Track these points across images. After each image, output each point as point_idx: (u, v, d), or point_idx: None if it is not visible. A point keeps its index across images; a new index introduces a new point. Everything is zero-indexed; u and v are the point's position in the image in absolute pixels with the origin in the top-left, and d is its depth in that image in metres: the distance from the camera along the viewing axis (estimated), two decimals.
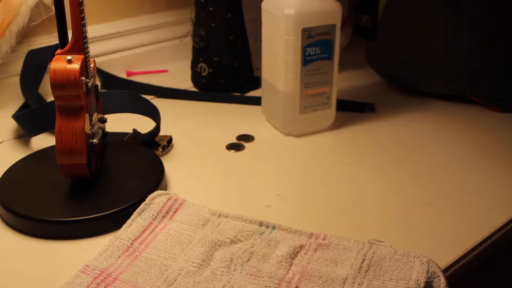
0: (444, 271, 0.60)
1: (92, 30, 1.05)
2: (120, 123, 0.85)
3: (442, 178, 0.77)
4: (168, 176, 0.77)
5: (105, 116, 0.77)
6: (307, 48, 0.82)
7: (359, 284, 0.55)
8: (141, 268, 0.57)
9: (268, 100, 0.91)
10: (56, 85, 0.63)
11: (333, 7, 0.82)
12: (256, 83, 1.05)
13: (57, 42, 0.68)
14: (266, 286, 0.55)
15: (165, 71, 1.14)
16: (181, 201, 0.67)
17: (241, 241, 0.61)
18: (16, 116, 0.84)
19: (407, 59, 1.00)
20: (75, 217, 0.65)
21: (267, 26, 0.86)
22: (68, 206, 0.68)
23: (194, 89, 1.06)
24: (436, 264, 0.57)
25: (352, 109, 0.96)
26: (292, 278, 0.56)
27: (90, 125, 0.69)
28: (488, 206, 0.71)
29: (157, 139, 0.84)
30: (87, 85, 0.66)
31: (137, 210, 0.65)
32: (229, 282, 0.56)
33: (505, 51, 0.95)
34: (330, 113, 0.89)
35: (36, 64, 0.94)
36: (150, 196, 0.67)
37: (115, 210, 0.66)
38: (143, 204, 0.66)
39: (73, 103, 0.65)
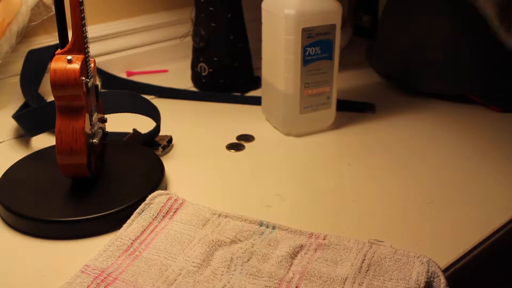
0: (444, 271, 0.60)
1: (92, 30, 1.05)
2: (120, 123, 0.85)
3: (442, 178, 0.77)
4: (168, 176, 0.77)
5: (105, 116, 0.77)
6: (307, 48, 0.82)
7: (359, 284, 0.55)
8: (141, 268, 0.57)
9: (268, 100, 0.91)
10: (56, 85, 0.63)
11: (333, 7, 0.82)
12: (256, 83, 1.05)
13: (57, 42, 0.68)
14: (266, 286, 0.55)
15: (165, 71, 1.14)
16: (181, 201, 0.67)
17: (241, 241, 0.61)
18: (16, 116, 0.84)
19: (407, 59, 1.00)
20: (75, 217, 0.65)
21: (267, 26, 0.86)
22: (68, 206, 0.68)
23: (194, 89, 1.06)
24: (436, 264, 0.57)
25: (352, 109, 0.96)
26: (292, 278, 0.56)
27: (90, 125, 0.69)
28: (488, 206, 0.71)
29: (157, 139, 0.84)
30: (87, 85, 0.66)
31: (137, 210, 0.65)
32: (229, 282, 0.56)
33: (505, 51, 0.95)
34: (330, 113, 0.89)
35: (36, 64, 0.94)
36: (150, 196, 0.67)
37: (115, 210, 0.66)
38: (143, 204, 0.66)
39: (73, 103, 0.65)
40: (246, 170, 0.80)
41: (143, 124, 0.85)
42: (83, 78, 0.64)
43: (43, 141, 0.85)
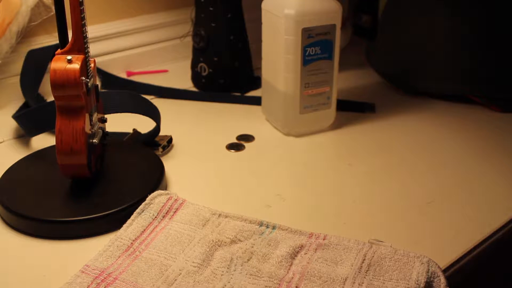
0: (444, 271, 0.60)
1: (92, 30, 1.05)
2: (120, 123, 0.85)
3: (442, 178, 0.77)
4: (168, 176, 0.77)
5: (105, 116, 0.77)
6: (307, 48, 0.82)
7: (359, 284, 0.55)
8: (141, 268, 0.57)
9: (268, 100, 0.91)
10: (56, 85, 0.63)
11: (333, 7, 0.82)
12: (256, 83, 1.05)
13: (57, 42, 0.68)
14: (266, 286, 0.55)
15: (165, 71, 1.14)
16: (181, 201, 0.67)
17: (241, 241, 0.61)
18: (16, 116, 0.84)
19: (407, 59, 1.00)
20: (75, 217, 0.65)
21: (267, 26, 0.86)
22: (68, 206, 0.68)
23: (194, 89, 1.06)
24: (436, 264, 0.57)
25: (352, 109, 0.96)
26: (292, 278, 0.56)
27: (90, 125, 0.69)
28: (488, 206, 0.71)
29: (157, 139, 0.84)
30: (87, 85, 0.66)
31: (137, 210, 0.65)
32: (229, 282, 0.56)
33: (505, 51, 0.95)
34: (330, 113, 0.89)
35: (36, 64, 0.94)
36: (150, 196, 0.67)
37: (115, 210, 0.66)
38: (143, 204, 0.66)
39: (73, 103, 0.65)
40: (246, 170, 0.80)
41: (143, 124, 0.85)
42: (83, 78, 0.64)
43: (43, 141, 0.85)
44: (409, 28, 1.00)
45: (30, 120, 0.82)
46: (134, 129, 0.85)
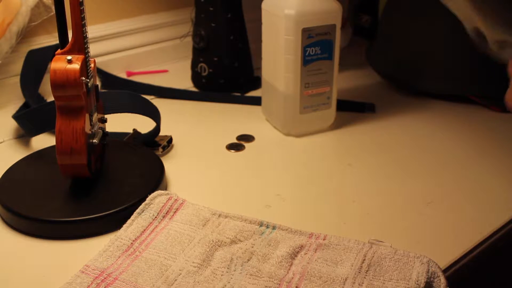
0: (444, 271, 0.60)
1: (92, 30, 1.05)
2: (120, 123, 0.85)
3: (442, 178, 0.77)
4: (168, 176, 0.77)
5: (105, 116, 0.77)
6: (307, 48, 0.82)
7: (359, 284, 0.55)
8: (141, 268, 0.57)
9: (268, 100, 0.91)
10: (56, 85, 0.63)
11: (333, 7, 0.82)
12: (256, 83, 1.05)
13: (57, 42, 0.68)
14: (266, 286, 0.55)
15: (165, 71, 1.14)
16: (181, 201, 0.67)
17: (241, 241, 0.61)
18: (16, 116, 0.84)
19: (407, 59, 1.00)
20: (75, 217, 0.65)
21: (267, 26, 0.86)
22: (68, 206, 0.68)
23: (194, 89, 1.06)
24: (436, 264, 0.57)
25: (352, 109, 0.96)
26: (292, 278, 0.56)
27: (90, 125, 0.69)
28: (488, 206, 0.71)
29: (157, 139, 0.84)
30: (87, 85, 0.66)
31: (137, 210, 0.65)
32: (229, 282, 0.56)
33: None
34: (330, 113, 0.89)
35: (36, 64, 0.94)
36: (150, 196, 0.67)
37: (115, 210, 0.66)
38: (143, 204, 0.66)
39: (73, 103, 0.65)
40: (246, 170, 0.80)
41: (143, 124, 0.85)
42: (83, 78, 0.64)
43: (43, 141, 0.85)
44: (409, 28, 1.00)
45: (30, 120, 0.82)
46: (134, 129, 0.85)
